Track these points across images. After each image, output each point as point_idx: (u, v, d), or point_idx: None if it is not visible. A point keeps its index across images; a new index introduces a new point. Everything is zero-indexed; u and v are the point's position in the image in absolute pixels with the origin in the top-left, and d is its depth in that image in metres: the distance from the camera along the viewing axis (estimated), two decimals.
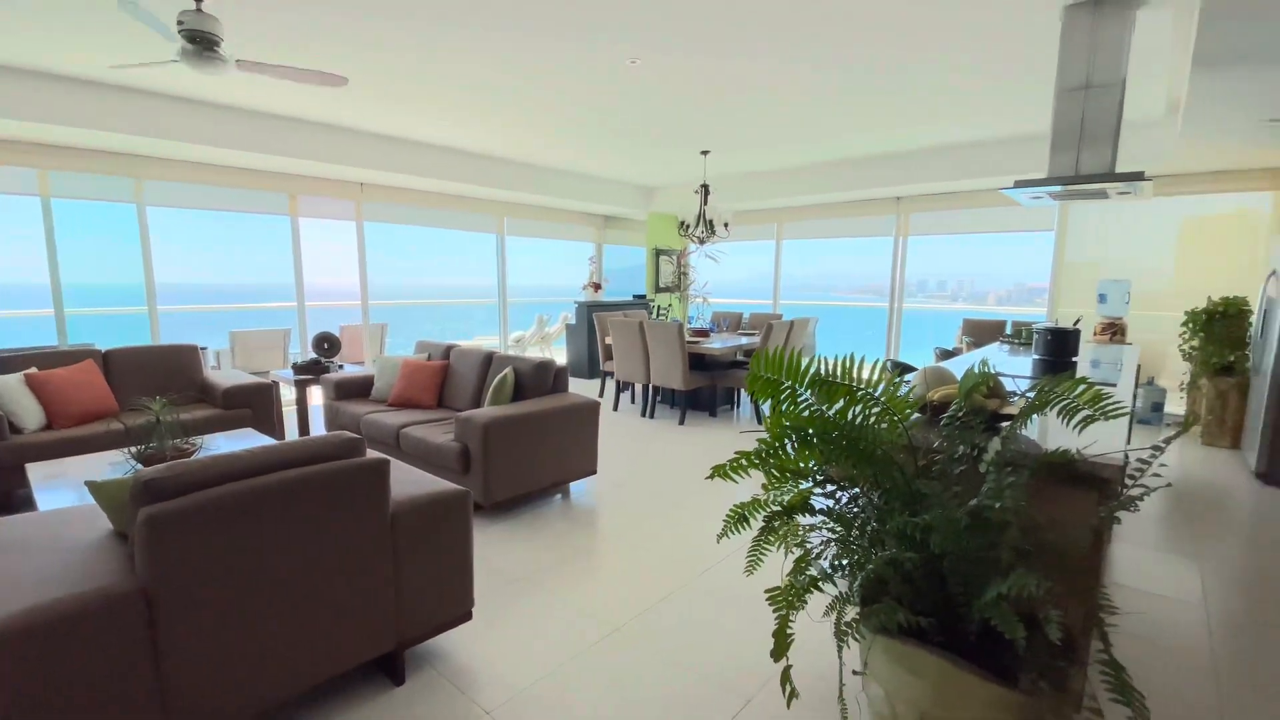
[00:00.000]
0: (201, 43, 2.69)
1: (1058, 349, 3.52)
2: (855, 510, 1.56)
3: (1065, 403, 1.47)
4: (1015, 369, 3.21)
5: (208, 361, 5.27)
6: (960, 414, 1.56)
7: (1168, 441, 1.40)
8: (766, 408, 1.55)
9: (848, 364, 1.47)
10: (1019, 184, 3.03)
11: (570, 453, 3.48)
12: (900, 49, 3.42)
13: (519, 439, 3.19)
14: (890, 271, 7.51)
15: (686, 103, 4.49)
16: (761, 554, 1.68)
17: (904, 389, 1.70)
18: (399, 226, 7.17)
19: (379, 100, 4.52)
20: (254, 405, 4.02)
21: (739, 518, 1.67)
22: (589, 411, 3.55)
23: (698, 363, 5.79)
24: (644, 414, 5.77)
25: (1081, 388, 1.46)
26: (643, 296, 8.49)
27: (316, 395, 6.36)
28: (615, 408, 6.03)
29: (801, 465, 1.50)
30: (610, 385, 7.13)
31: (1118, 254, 6.26)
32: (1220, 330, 5.25)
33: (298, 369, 4.42)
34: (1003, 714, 1.29)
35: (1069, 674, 1.21)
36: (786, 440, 1.43)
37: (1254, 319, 4.94)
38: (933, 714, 1.37)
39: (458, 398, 4.00)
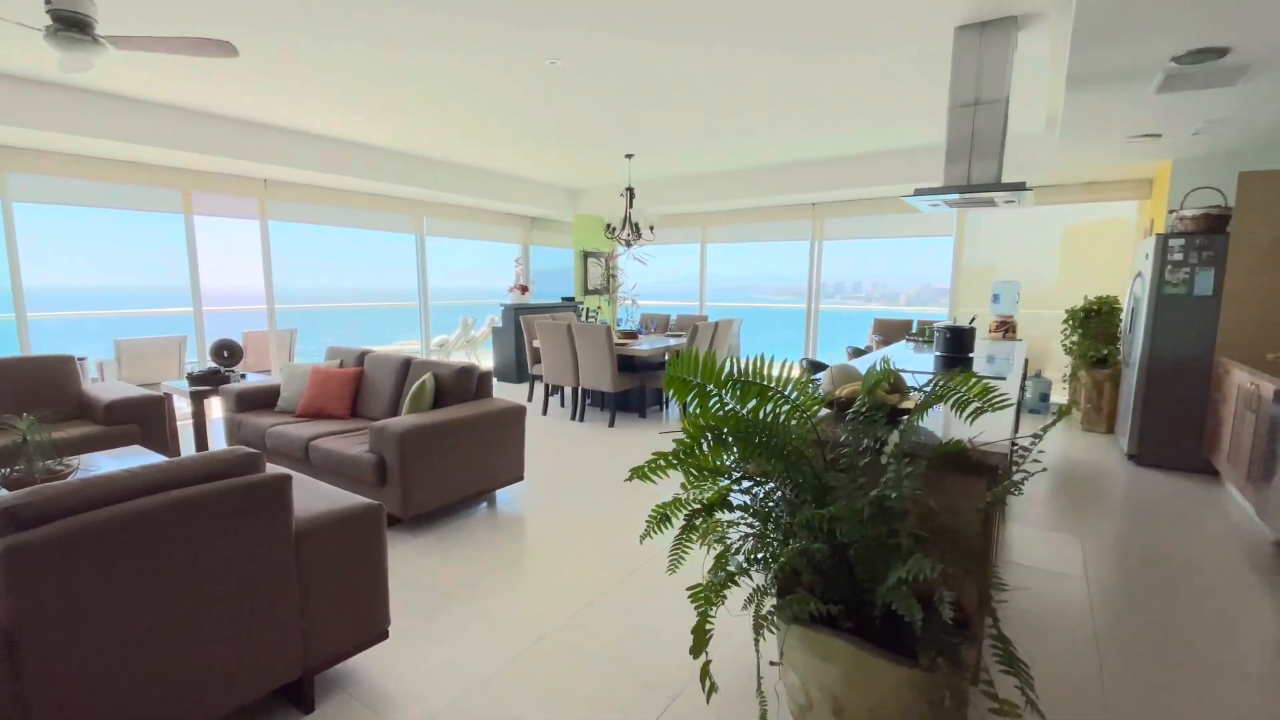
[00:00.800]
0: (73, 25, 2.44)
1: (956, 346, 3.77)
2: (770, 505, 1.61)
3: (958, 396, 1.58)
4: (919, 365, 3.41)
5: (88, 373, 4.80)
6: (864, 409, 1.64)
7: (1045, 430, 1.52)
8: (687, 408, 1.58)
9: (759, 364, 1.52)
10: (918, 192, 3.23)
11: (495, 460, 3.41)
12: (809, 60, 3.57)
13: (439, 448, 3.09)
14: (808, 274, 7.82)
15: (608, 105, 4.51)
16: (684, 552, 1.70)
17: (812, 387, 1.77)
18: (310, 226, 6.80)
19: (278, 91, 4.26)
20: (143, 420, 3.69)
21: (661, 517, 1.68)
22: (514, 416, 3.48)
23: (627, 364, 5.82)
24: (574, 417, 5.74)
25: (972, 382, 1.58)
26: (571, 299, 8.44)
27: (217, 408, 5.92)
28: (545, 411, 5.96)
29: (718, 463, 1.53)
30: (539, 389, 7.04)
31: (1009, 258, 6.80)
32: (1095, 327, 5.81)
33: (194, 379, 4.10)
34: (908, 692, 1.36)
35: (963, 650, 1.30)
36: (703, 440, 1.45)
37: (1123, 316, 5.49)
38: (845, 697, 1.43)
39: (373, 406, 3.82)
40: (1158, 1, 2.19)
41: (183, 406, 5.62)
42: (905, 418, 1.61)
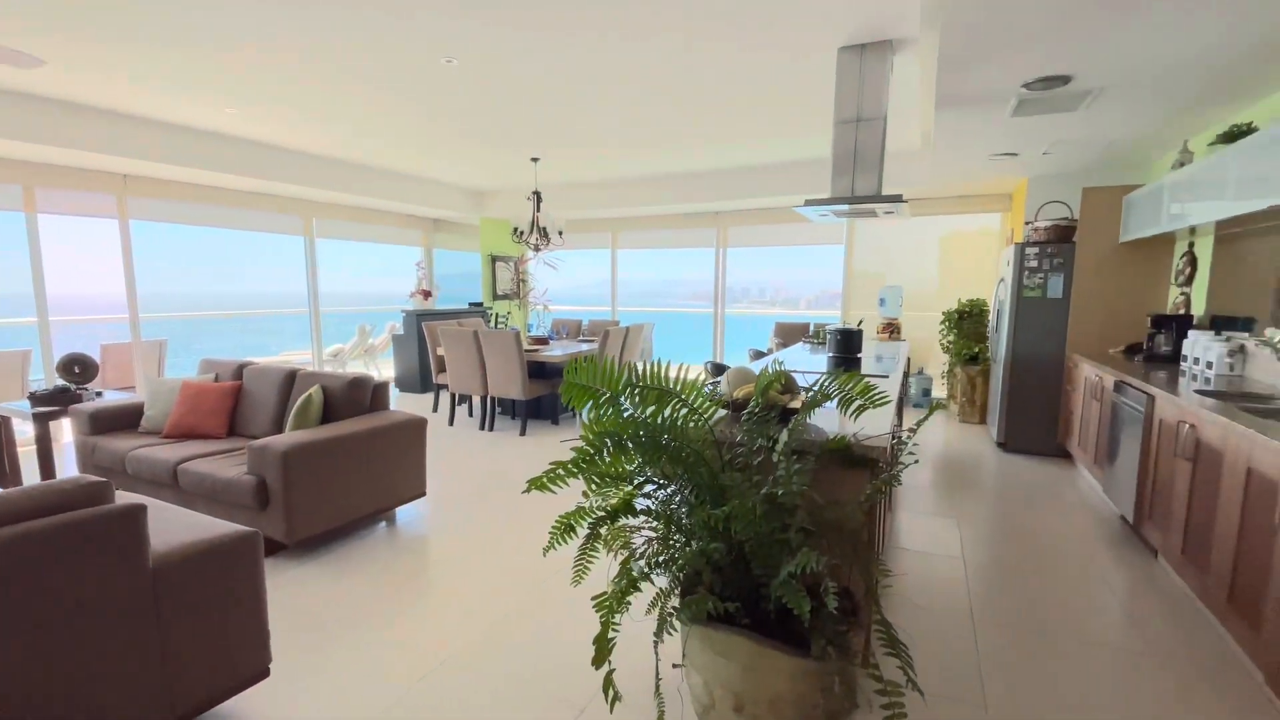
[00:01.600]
0: None
1: (846, 347, 4.01)
2: (672, 508, 1.63)
3: (843, 395, 1.67)
4: (813, 366, 3.59)
5: None
6: (757, 410, 1.70)
7: (919, 424, 1.64)
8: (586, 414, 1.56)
9: (657, 369, 1.53)
10: (808, 202, 3.40)
11: (394, 476, 3.23)
12: (707, 66, 3.68)
13: (329, 466, 2.89)
14: (714, 279, 8.06)
15: (509, 106, 4.43)
16: (589, 561, 1.68)
17: (708, 388, 1.81)
18: (184, 227, 6.18)
19: (141, 80, 3.85)
20: None
21: (565, 528, 1.66)
22: (414, 429, 3.33)
23: (538, 371, 5.72)
24: (482, 427, 5.57)
25: (855, 381, 1.67)
26: (479, 304, 8.21)
27: (68, 431, 5.25)
28: (451, 422, 5.74)
29: (620, 469, 1.52)
30: (445, 399, 6.78)
31: (894, 264, 7.32)
32: (968, 327, 6.38)
33: (36, 399, 3.60)
34: (802, 682, 1.42)
35: (850, 637, 1.36)
36: (603, 447, 1.45)
37: (990, 317, 6.06)
38: (745, 692, 1.47)
39: (253, 424, 3.52)
40: (1007, 34, 2.43)
41: (26, 430, 4.92)
42: (794, 416, 1.68)
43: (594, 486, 1.57)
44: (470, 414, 6.15)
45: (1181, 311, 4.11)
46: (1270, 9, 2.17)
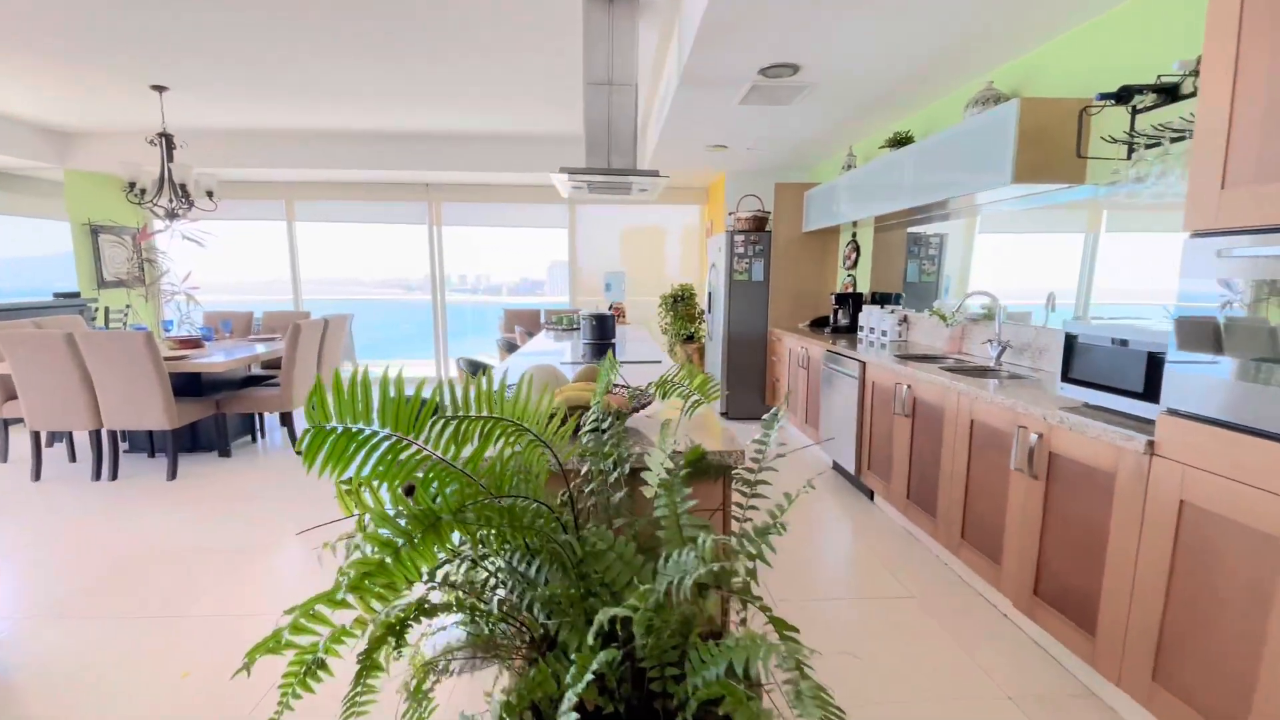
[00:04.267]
0: None
1: (601, 332, 3.79)
2: (507, 590, 1.07)
3: (679, 390, 1.33)
4: (562, 355, 3.26)
5: None
6: (605, 423, 1.24)
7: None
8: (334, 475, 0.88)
9: (479, 383, 0.94)
10: (565, 170, 3.00)
11: None
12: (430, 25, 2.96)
13: None
14: (430, 262, 7.12)
15: None
16: (367, 704, 1.01)
17: (509, 394, 1.27)
18: None
19: None
20: None
21: (307, 669, 0.95)
22: None
23: (191, 386, 4.15)
24: (97, 475, 3.79)
25: (694, 376, 1.35)
26: (74, 294, 5.70)
27: None
28: (36, 475, 3.78)
29: (426, 559, 0.90)
30: (21, 440, 4.50)
31: (616, 250, 7.47)
32: (682, 309, 6.86)
33: None
34: None
35: None
36: (410, 535, 0.81)
37: (702, 300, 6.61)
38: None
39: None
40: (762, 10, 2.39)
41: None
42: (618, 425, 1.27)
43: (374, 598, 0.91)
44: (73, 459, 4.18)
45: (851, 290, 4.96)
46: (958, 19, 2.53)
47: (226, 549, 2.81)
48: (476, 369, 2.73)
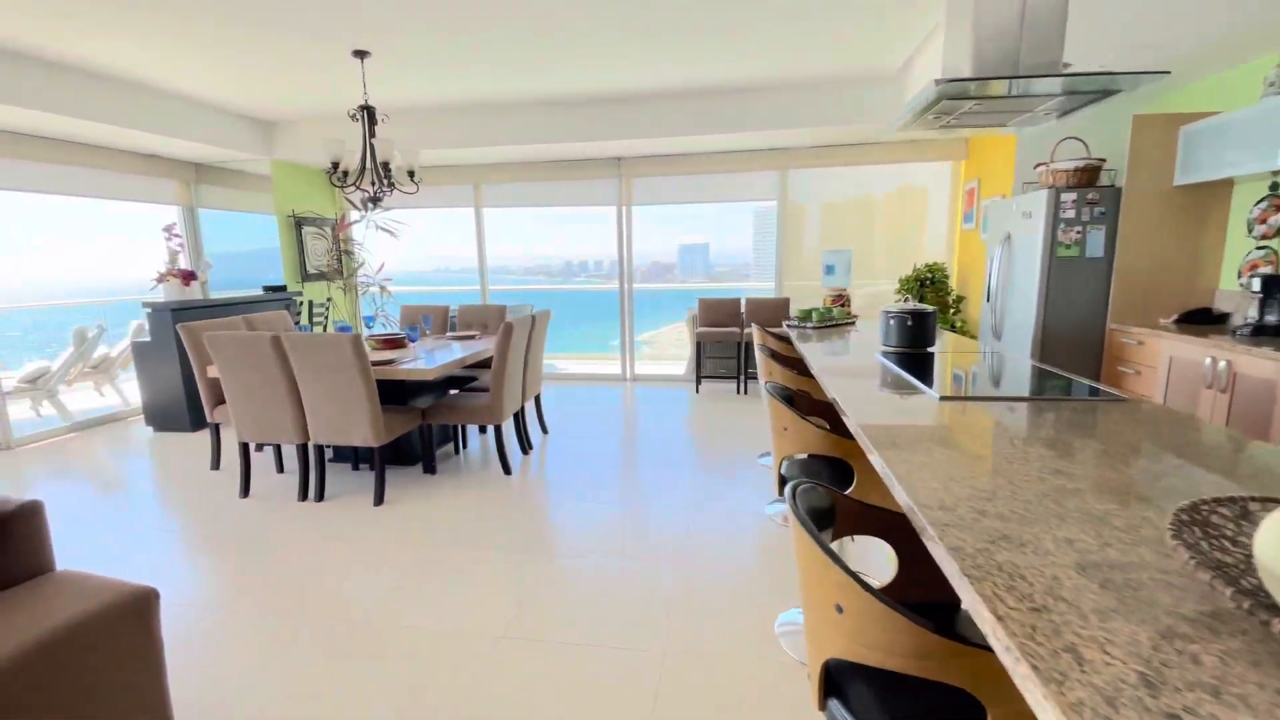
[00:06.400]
0: None
1: (918, 337, 2.62)
2: None
3: None
4: (869, 372, 2.09)
5: None
6: None
7: None
8: None
9: None
10: (941, 81, 1.84)
11: None
12: None
13: None
14: (617, 247, 6.32)
15: None
16: None
17: None
18: None
19: None
20: None
21: None
22: (111, 627, 1.23)
23: (394, 393, 3.60)
24: (304, 496, 3.33)
25: None
26: (280, 288, 5.58)
27: None
28: (245, 491, 3.40)
29: None
30: (231, 446, 4.27)
31: (831, 224, 6.17)
32: (930, 295, 5.46)
33: None
34: None
35: None
36: None
37: (987, 283, 5.14)
38: None
39: None
40: None
41: None
42: None
43: None
44: (280, 467, 3.82)
45: (1268, 268, 3.30)
46: None
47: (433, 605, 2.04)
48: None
